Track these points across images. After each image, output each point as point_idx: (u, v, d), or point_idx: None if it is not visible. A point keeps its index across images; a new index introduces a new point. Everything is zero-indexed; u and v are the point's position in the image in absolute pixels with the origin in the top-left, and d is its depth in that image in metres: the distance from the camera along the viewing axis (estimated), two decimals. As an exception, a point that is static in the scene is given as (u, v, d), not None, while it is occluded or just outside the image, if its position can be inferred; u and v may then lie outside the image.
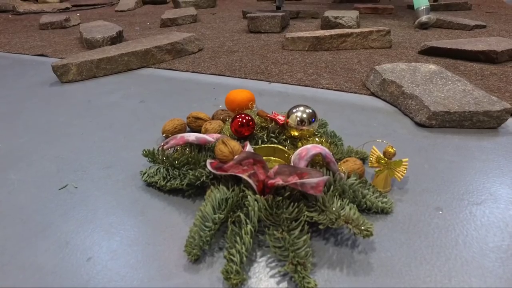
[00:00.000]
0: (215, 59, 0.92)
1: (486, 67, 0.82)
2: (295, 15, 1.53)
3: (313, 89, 0.72)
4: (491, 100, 0.54)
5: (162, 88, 0.74)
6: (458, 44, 0.91)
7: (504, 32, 1.19)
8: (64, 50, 1.09)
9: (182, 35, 1.00)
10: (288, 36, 0.98)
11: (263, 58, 0.92)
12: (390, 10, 1.64)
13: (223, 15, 1.68)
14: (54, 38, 1.27)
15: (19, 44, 1.20)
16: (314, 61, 0.89)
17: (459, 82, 0.62)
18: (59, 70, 0.79)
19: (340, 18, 1.21)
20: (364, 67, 0.83)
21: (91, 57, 0.83)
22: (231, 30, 1.30)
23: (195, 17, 1.51)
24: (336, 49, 0.99)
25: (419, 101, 0.56)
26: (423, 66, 0.69)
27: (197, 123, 0.51)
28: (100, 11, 1.99)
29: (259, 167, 0.34)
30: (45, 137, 0.54)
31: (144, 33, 1.30)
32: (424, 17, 1.28)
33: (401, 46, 1.03)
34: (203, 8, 1.97)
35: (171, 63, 0.91)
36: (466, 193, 0.39)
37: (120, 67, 0.86)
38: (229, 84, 0.75)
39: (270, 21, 1.21)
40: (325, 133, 0.47)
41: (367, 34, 0.98)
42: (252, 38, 1.14)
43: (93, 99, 0.69)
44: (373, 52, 0.97)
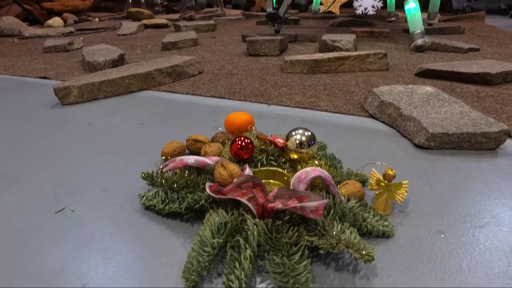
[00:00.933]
0: (215, 82, 0.93)
1: (482, 89, 0.83)
2: (294, 39, 1.57)
3: (312, 111, 0.72)
4: (489, 122, 0.55)
5: (162, 110, 0.75)
6: (454, 66, 0.93)
7: (497, 55, 1.22)
8: (66, 72, 1.10)
9: (183, 58, 1.02)
10: (287, 59, 1.00)
11: (262, 81, 0.93)
12: (386, 33, 1.68)
13: (223, 39, 1.71)
14: (57, 61, 1.29)
15: (22, 67, 1.22)
16: (313, 83, 0.90)
17: (456, 104, 0.62)
18: (61, 92, 0.80)
19: (338, 42, 1.24)
20: (362, 90, 0.84)
21: (92, 80, 0.84)
22: (231, 53, 1.32)
23: (196, 40, 1.54)
24: (334, 71, 1.00)
25: (417, 123, 0.56)
26: (420, 88, 0.70)
27: (197, 146, 0.51)
28: (103, 35, 2.03)
29: (259, 190, 0.34)
30: (43, 159, 0.54)
31: (145, 56, 1.33)
32: (419, 40, 1.31)
33: (398, 68, 1.05)
34: (203, 32, 2.01)
35: (171, 85, 0.92)
36: (468, 215, 0.38)
37: (121, 90, 0.87)
38: (229, 107, 0.76)
39: (269, 44, 1.24)
40: (324, 156, 0.47)
41: (364, 57, 1.00)
42: (252, 61, 1.16)
43: (93, 121, 0.69)
44: (370, 74, 0.98)
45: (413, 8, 1.38)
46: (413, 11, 1.38)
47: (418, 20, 1.36)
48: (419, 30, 1.34)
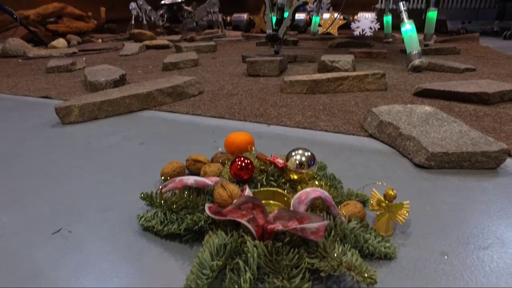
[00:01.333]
0: (215, 102, 0.94)
1: (480, 108, 0.84)
2: (293, 59, 1.59)
3: (312, 131, 0.72)
4: (488, 141, 0.55)
5: (162, 130, 0.75)
6: (451, 86, 0.94)
7: (493, 75, 1.23)
8: (68, 92, 1.12)
9: (183, 78, 1.03)
10: (286, 79, 1.01)
11: (262, 101, 0.94)
12: (384, 54, 1.71)
13: (223, 59, 1.74)
14: (60, 81, 1.31)
15: (25, 86, 1.23)
16: (312, 103, 0.91)
17: (455, 123, 0.63)
18: (62, 111, 0.81)
19: (336, 62, 1.26)
20: (361, 109, 0.85)
21: (93, 99, 0.85)
22: (231, 73, 1.34)
23: (196, 61, 1.56)
24: (333, 91, 1.01)
25: (416, 142, 0.56)
26: (419, 108, 0.71)
27: (196, 166, 0.51)
28: (105, 55, 2.06)
29: (258, 211, 0.34)
30: (42, 179, 0.54)
31: (147, 76, 1.34)
32: (416, 61, 1.33)
33: (396, 88, 1.06)
34: (204, 52, 2.05)
35: (171, 105, 0.93)
36: (471, 236, 0.38)
37: (121, 109, 0.88)
38: (229, 127, 0.76)
39: (268, 65, 1.26)
40: (325, 176, 0.46)
41: (363, 77, 1.01)
42: (251, 82, 1.18)
43: (93, 141, 0.70)
44: (369, 94, 0.99)
45: (409, 30, 1.41)
46: (409, 33, 1.41)
47: (414, 41, 1.39)
48: (416, 51, 1.36)
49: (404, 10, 1.46)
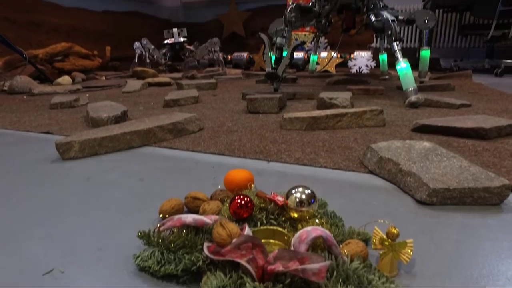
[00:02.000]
0: (215, 139, 0.95)
1: (478, 143, 0.85)
2: (292, 96, 1.62)
3: (312, 168, 0.72)
4: (489, 176, 0.55)
5: (161, 166, 0.75)
6: (448, 121, 0.95)
7: (489, 111, 1.25)
8: (69, 128, 1.13)
9: (184, 115, 1.04)
10: (285, 116, 1.03)
11: (262, 138, 0.94)
12: (381, 90, 1.75)
13: (224, 97, 1.78)
14: (62, 117, 1.33)
15: (28, 122, 1.24)
16: (312, 140, 0.91)
17: (455, 159, 0.63)
18: (62, 147, 0.81)
19: (335, 99, 1.28)
20: (360, 145, 0.85)
21: (94, 135, 0.85)
22: (231, 110, 1.36)
23: (197, 98, 1.59)
24: (332, 128, 1.02)
25: (417, 178, 0.56)
26: (418, 144, 0.71)
27: (195, 204, 0.50)
28: (108, 92, 2.11)
29: (258, 251, 0.33)
30: (37, 216, 0.53)
31: (148, 112, 1.36)
32: (413, 97, 1.36)
33: (394, 124, 1.07)
34: (204, 90, 2.09)
35: (172, 142, 0.93)
36: (480, 277, 0.36)
37: (122, 145, 0.88)
38: (228, 164, 0.76)
39: (268, 102, 1.28)
40: (325, 214, 0.46)
41: (361, 113, 1.03)
42: (251, 118, 1.19)
43: (92, 177, 0.69)
44: (368, 130, 1.00)
45: (405, 68, 1.45)
46: (404, 71, 1.45)
47: (410, 78, 1.43)
48: (412, 88, 1.40)
49: (398, 50, 1.52)
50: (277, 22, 1.81)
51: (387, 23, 1.56)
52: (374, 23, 1.60)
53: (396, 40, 1.54)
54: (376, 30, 1.61)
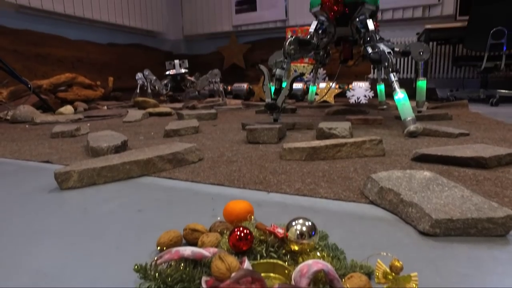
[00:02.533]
0: (215, 169, 0.95)
1: (479, 172, 0.84)
2: (292, 127, 1.64)
3: (312, 198, 0.72)
4: (492, 206, 0.54)
5: (160, 197, 0.74)
6: (448, 151, 0.96)
7: (487, 140, 1.26)
8: (69, 157, 1.13)
9: (184, 145, 1.05)
10: (285, 146, 1.03)
11: (262, 168, 0.94)
12: (379, 120, 1.77)
13: (224, 127, 1.79)
14: (62, 146, 1.33)
15: (28, 151, 1.25)
16: (312, 170, 0.91)
17: (456, 188, 0.62)
18: (61, 177, 0.81)
19: (334, 129, 1.29)
20: (360, 175, 0.85)
21: (93, 165, 0.85)
22: (231, 140, 1.37)
23: (197, 128, 1.60)
24: (332, 158, 1.02)
25: (419, 209, 0.55)
26: (418, 173, 0.71)
27: (194, 236, 0.49)
28: (109, 122, 2.13)
29: (258, 286, 0.32)
30: (30, 247, 0.51)
31: (148, 142, 1.37)
32: (412, 127, 1.37)
33: (394, 153, 1.07)
34: (205, 120, 2.11)
35: (171, 172, 0.93)
36: (487, 314, 0.35)
37: (121, 175, 0.88)
38: (228, 194, 0.75)
39: (268, 132, 1.29)
40: (326, 246, 0.45)
41: (360, 143, 1.03)
42: (251, 149, 1.20)
43: (89, 207, 0.68)
44: (368, 160, 1.00)
45: (402, 98, 1.48)
46: (402, 101, 1.47)
47: (408, 108, 1.45)
48: (410, 117, 1.41)
49: (396, 80, 1.55)
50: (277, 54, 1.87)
51: (383, 55, 1.60)
52: (371, 55, 1.65)
53: (393, 71, 1.57)
54: (373, 61, 1.66)
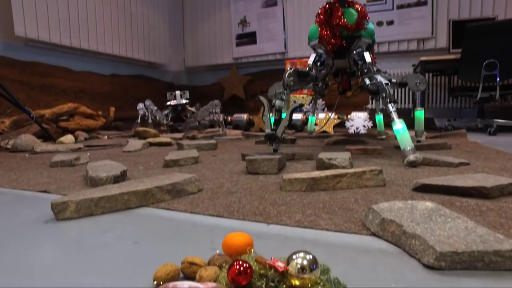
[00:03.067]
0: (214, 200, 0.94)
1: (482, 202, 0.83)
2: (291, 157, 1.63)
3: (313, 230, 0.70)
4: (498, 238, 0.53)
5: (158, 229, 0.73)
6: (448, 181, 0.95)
7: (488, 169, 1.26)
8: (67, 187, 1.12)
9: (183, 175, 1.04)
10: (285, 177, 1.03)
11: (261, 199, 0.93)
12: (379, 150, 1.77)
13: (223, 157, 1.79)
14: (61, 175, 1.32)
15: (26, 180, 1.24)
16: (312, 201, 0.90)
17: (459, 219, 0.61)
18: (57, 207, 0.80)
19: (334, 159, 1.29)
20: (361, 206, 0.84)
21: (92, 195, 0.84)
22: (231, 171, 1.36)
23: (197, 158, 1.60)
24: (332, 189, 1.01)
25: (423, 241, 0.54)
26: (420, 204, 0.70)
27: (192, 269, 0.48)
28: (109, 151, 2.13)
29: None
30: (20, 282, 0.50)
31: (147, 172, 1.36)
32: (411, 156, 1.37)
33: (395, 184, 1.07)
34: (204, 150, 2.11)
35: (170, 203, 0.92)
36: None
37: (119, 206, 0.86)
38: (227, 226, 0.74)
39: (267, 163, 1.28)
40: (328, 281, 0.43)
41: (360, 174, 1.03)
42: (251, 180, 1.19)
43: (85, 239, 0.67)
44: (368, 191, 0.99)
45: (401, 129, 1.49)
46: (401, 131, 1.48)
47: (407, 138, 1.46)
48: (410, 147, 1.42)
49: (394, 111, 1.57)
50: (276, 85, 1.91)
51: (381, 86, 1.63)
52: (369, 86, 1.68)
53: (390, 101, 1.60)
54: (371, 92, 1.69)
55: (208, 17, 5.68)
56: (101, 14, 4.36)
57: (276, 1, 5.11)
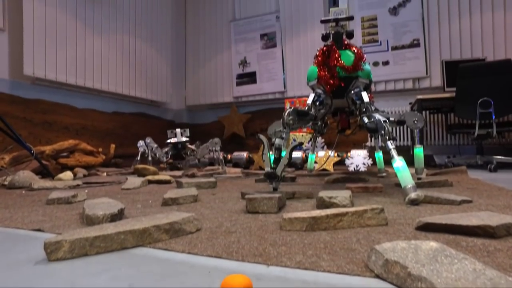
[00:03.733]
0: (213, 240, 0.91)
1: (488, 242, 0.81)
2: (292, 196, 1.62)
3: (314, 272, 0.68)
4: (509, 282, 0.51)
5: (154, 270, 0.70)
6: (452, 219, 0.93)
7: (491, 207, 1.24)
8: (62, 225, 1.09)
9: (182, 214, 1.02)
10: (285, 216, 1.01)
11: (261, 239, 0.91)
12: (380, 188, 1.76)
13: (223, 196, 1.77)
14: (57, 213, 1.30)
15: (20, 218, 1.21)
16: (313, 241, 0.87)
17: (466, 261, 0.59)
18: (50, 247, 0.77)
19: (334, 198, 1.28)
20: (364, 247, 0.81)
21: (87, 234, 0.82)
22: (230, 210, 1.34)
23: (196, 197, 1.58)
24: (333, 228, 0.99)
25: (429, 284, 0.52)
26: (424, 244, 0.68)
27: (187, 315, 0.45)
28: (108, 189, 2.11)
29: None
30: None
31: (145, 211, 1.34)
32: (412, 194, 1.35)
33: (397, 222, 1.04)
34: (204, 188, 2.10)
35: (167, 242, 0.89)
36: None
37: (114, 246, 0.84)
38: (226, 268, 0.71)
39: (267, 202, 1.27)
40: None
41: (362, 212, 1.01)
42: (250, 219, 1.17)
43: (77, 281, 0.64)
44: (370, 230, 0.97)
45: (401, 166, 1.49)
46: (401, 168, 1.48)
47: (407, 175, 1.45)
48: (410, 185, 1.41)
49: (393, 148, 1.58)
50: (276, 124, 1.93)
51: (379, 124, 1.66)
52: (367, 125, 1.70)
53: (389, 139, 1.61)
54: (370, 130, 1.70)
55: (209, 57, 5.89)
56: (106, 55, 4.53)
57: (276, 42, 5.33)
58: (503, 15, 4.15)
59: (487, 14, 4.21)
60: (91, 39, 4.31)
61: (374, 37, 4.67)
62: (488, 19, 4.20)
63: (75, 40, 4.08)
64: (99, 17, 4.44)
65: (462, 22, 4.31)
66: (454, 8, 4.34)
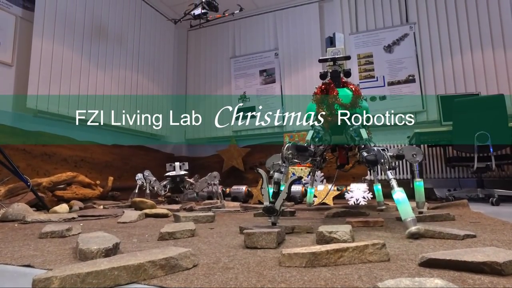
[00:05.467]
0: (210, 277, 0.88)
1: (496, 280, 0.78)
2: (291, 230, 1.58)
3: (315, 310, 0.65)
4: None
5: (147, 309, 0.67)
6: (457, 255, 0.90)
7: (496, 242, 1.21)
8: (54, 260, 1.06)
9: (178, 250, 0.99)
10: (284, 252, 0.98)
11: (260, 276, 0.88)
12: (380, 222, 1.72)
13: (221, 230, 1.73)
14: (49, 248, 1.26)
15: (10, 253, 1.17)
16: (313, 278, 0.84)
17: (473, 301, 0.57)
18: (39, 284, 0.74)
19: (334, 233, 1.25)
20: (366, 284, 0.78)
21: (79, 270, 0.79)
22: (228, 245, 1.31)
23: (193, 231, 1.55)
24: (334, 264, 0.96)
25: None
26: (429, 282, 0.66)
27: None
28: (103, 222, 2.07)
29: None
30: None
31: (141, 245, 1.31)
32: (413, 228, 1.33)
33: (400, 258, 1.02)
34: (202, 222, 2.05)
35: (162, 279, 0.86)
36: None
37: (107, 282, 0.81)
38: (222, 304, 0.68)
39: (266, 237, 1.24)
40: None
41: (363, 248, 0.99)
42: (249, 254, 1.13)
43: (66, 324, 0.61)
44: (372, 266, 0.94)
45: (401, 198, 1.47)
46: (401, 201, 1.47)
47: (407, 208, 1.43)
48: (411, 218, 1.39)
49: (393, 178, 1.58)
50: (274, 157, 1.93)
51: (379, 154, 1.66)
52: (367, 157, 1.71)
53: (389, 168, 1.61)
54: (370, 163, 1.71)
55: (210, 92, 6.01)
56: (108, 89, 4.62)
57: (275, 78, 5.47)
58: (491, 53, 4.32)
59: (477, 52, 4.37)
60: (95, 74, 4.42)
61: (370, 73, 4.81)
62: (478, 57, 4.37)
63: (79, 75, 4.19)
64: (104, 52, 4.59)
65: (454, 59, 4.46)
66: (445, 46, 4.52)
